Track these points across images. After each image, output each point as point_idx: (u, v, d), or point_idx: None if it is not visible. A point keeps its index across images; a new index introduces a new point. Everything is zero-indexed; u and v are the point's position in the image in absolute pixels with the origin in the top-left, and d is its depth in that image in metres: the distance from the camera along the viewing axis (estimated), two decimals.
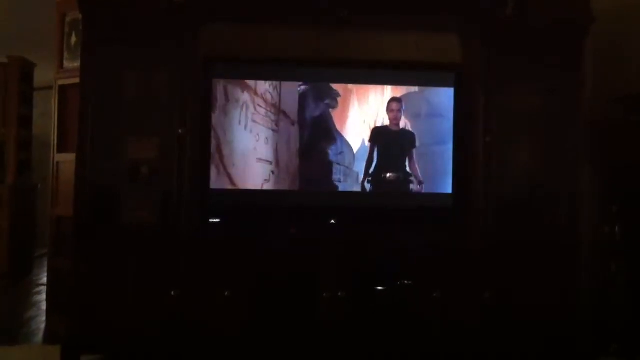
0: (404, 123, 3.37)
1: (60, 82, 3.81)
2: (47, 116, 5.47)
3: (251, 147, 3.19)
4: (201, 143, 3.13)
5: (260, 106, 3.19)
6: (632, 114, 3.47)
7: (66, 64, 3.80)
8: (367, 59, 3.36)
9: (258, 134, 3.20)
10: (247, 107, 3.18)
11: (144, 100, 3.11)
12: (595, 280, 3.42)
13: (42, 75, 5.65)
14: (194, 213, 3.06)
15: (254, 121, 3.19)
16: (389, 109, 3.36)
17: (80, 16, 3.12)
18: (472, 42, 3.27)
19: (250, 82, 3.19)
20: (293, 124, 3.24)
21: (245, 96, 3.18)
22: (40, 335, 3.76)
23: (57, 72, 3.84)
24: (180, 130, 3.01)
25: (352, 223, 3.22)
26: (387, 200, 3.32)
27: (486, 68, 3.18)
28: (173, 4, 3.04)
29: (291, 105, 3.23)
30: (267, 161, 3.22)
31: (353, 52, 3.37)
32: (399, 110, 3.36)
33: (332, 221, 3.20)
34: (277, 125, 3.22)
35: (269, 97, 3.20)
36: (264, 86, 3.21)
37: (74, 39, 3.75)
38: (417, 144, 3.35)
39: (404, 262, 3.15)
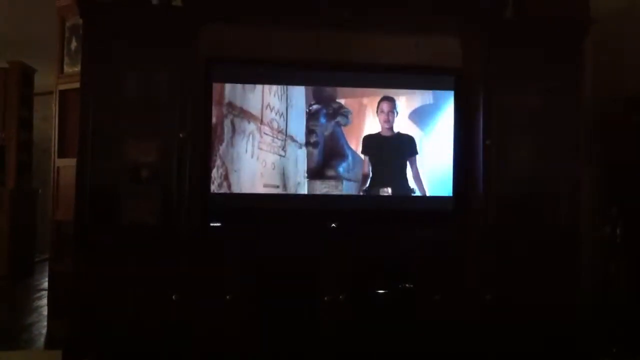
0: (400, 126, 3.29)
1: (61, 87, 3.81)
2: (47, 122, 5.48)
3: (258, 174, 3.20)
4: (202, 145, 3.13)
5: (267, 134, 3.19)
6: (632, 113, 3.48)
7: (66, 69, 3.81)
8: (368, 61, 3.36)
9: (265, 161, 3.20)
10: (254, 136, 3.18)
11: (145, 102, 3.11)
12: (595, 280, 3.42)
13: (43, 80, 5.67)
14: (194, 216, 3.06)
15: (260, 149, 3.19)
16: (379, 110, 3.29)
17: (80, 21, 3.12)
18: (472, 43, 3.28)
19: (257, 112, 3.18)
20: (300, 147, 3.23)
21: (251, 126, 3.18)
22: (41, 341, 3.76)
23: (58, 77, 3.85)
24: (181, 134, 3.02)
25: (352, 226, 3.22)
26: (387, 204, 3.30)
27: (486, 68, 3.19)
28: (174, 5, 3.05)
29: (298, 129, 3.23)
30: (274, 185, 3.22)
31: (354, 54, 3.36)
32: (391, 112, 3.27)
33: (333, 225, 3.20)
34: (283, 150, 3.22)
35: (275, 124, 3.20)
36: (270, 115, 3.19)
37: (74, 44, 3.76)
38: (420, 150, 3.27)
39: (405, 265, 3.15)
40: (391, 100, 3.28)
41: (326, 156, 3.26)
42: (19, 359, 3.45)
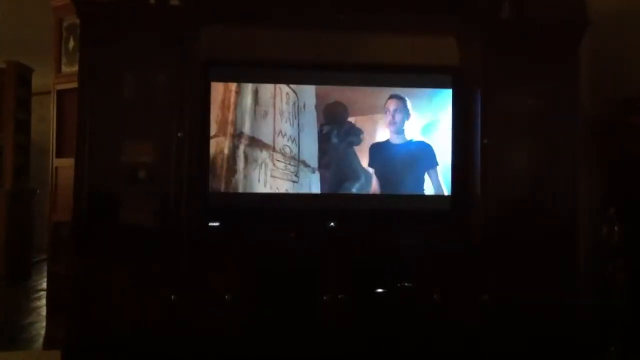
0: (413, 133, 3.20)
1: (58, 87, 3.80)
2: (45, 121, 5.47)
3: None
4: (200, 146, 3.13)
5: (279, 160, 3.17)
6: (630, 114, 3.48)
7: (64, 68, 3.79)
8: (367, 61, 3.36)
9: (277, 188, 3.19)
10: (266, 165, 3.16)
11: (142, 102, 3.11)
12: (595, 280, 3.42)
13: (40, 80, 5.65)
14: (192, 216, 3.06)
15: (272, 177, 3.17)
16: (385, 112, 3.21)
17: (77, 21, 3.11)
18: (470, 44, 3.28)
19: (268, 140, 3.15)
20: (314, 172, 3.21)
21: (263, 154, 3.16)
22: (40, 341, 3.75)
23: (55, 76, 3.83)
24: (179, 134, 3.01)
25: (351, 226, 3.21)
26: (385, 203, 3.30)
27: (484, 69, 3.19)
28: (172, 5, 3.05)
29: (310, 153, 3.19)
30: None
31: (353, 54, 3.36)
32: (398, 111, 3.17)
33: (332, 224, 3.19)
34: (296, 176, 3.19)
35: (287, 150, 3.17)
36: (282, 141, 3.16)
37: (71, 43, 3.74)
38: (439, 159, 3.18)
39: (404, 264, 3.14)
40: (399, 99, 3.16)
41: (339, 178, 3.23)
42: (18, 359, 3.44)
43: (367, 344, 3.09)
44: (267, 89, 3.18)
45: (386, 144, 3.25)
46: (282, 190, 3.19)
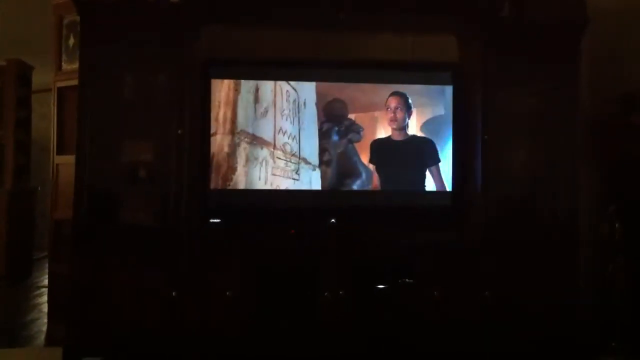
0: (415, 129, 3.21)
1: (59, 85, 3.80)
2: (45, 119, 5.47)
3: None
4: (200, 144, 3.13)
5: (280, 158, 3.16)
6: (630, 113, 3.48)
7: (64, 66, 3.80)
8: (367, 58, 3.35)
9: (278, 186, 3.19)
10: (267, 163, 3.15)
11: (143, 102, 3.11)
12: (595, 279, 3.42)
13: (41, 78, 5.65)
14: (193, 213, 3.06)
15: (273, 174, 3.17)
16: (386, 109, 3.23)
17: (77, 18, 3.12)
18: (470, 42, 3.28)
19: (269, 138, 3.15)
20: (314, 169, 3.21)
21: (264, 152, 3.15)
22: (41, 338, 3.76)
23: (55, 74, 3.84)
24: (179, 131, 3.01)
25: (352, 222, 3.21)
26: (386, 199, 3.29)
27: (484, 69, 3.19)
28: (172, 5, 3.05)
29: (311, 150, 3.19)
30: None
31: (353, 52, 3.36)
32: (399, 108, 3.17)
33: (332, 220, 3.19)
34: (297, 173, 3.19)
35: (288, 148, 3.17)
36: (283, 139, 3.15)
37: (71, 41, 3.75)
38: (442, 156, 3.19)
39: (404, 261, 3.14)
40: (400, 95, 3.16)
41: (340, 175, 3.23)
42: (20, 356, 3.45)
43: (367, 342, 3.10)
44: (267, 87, 3.19)
45: (387, 140, 3.25)
46: (283, 188, 3.19)
